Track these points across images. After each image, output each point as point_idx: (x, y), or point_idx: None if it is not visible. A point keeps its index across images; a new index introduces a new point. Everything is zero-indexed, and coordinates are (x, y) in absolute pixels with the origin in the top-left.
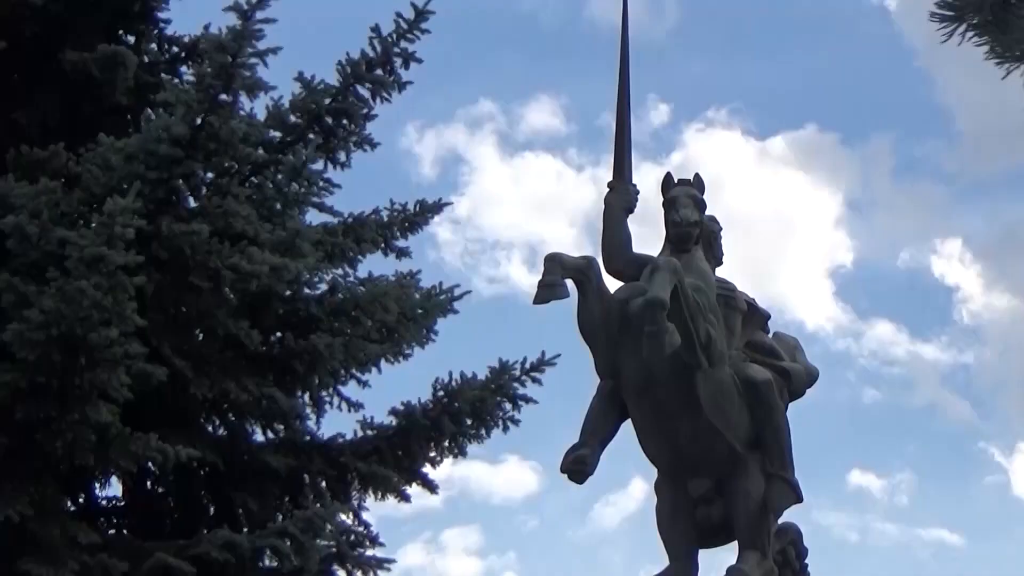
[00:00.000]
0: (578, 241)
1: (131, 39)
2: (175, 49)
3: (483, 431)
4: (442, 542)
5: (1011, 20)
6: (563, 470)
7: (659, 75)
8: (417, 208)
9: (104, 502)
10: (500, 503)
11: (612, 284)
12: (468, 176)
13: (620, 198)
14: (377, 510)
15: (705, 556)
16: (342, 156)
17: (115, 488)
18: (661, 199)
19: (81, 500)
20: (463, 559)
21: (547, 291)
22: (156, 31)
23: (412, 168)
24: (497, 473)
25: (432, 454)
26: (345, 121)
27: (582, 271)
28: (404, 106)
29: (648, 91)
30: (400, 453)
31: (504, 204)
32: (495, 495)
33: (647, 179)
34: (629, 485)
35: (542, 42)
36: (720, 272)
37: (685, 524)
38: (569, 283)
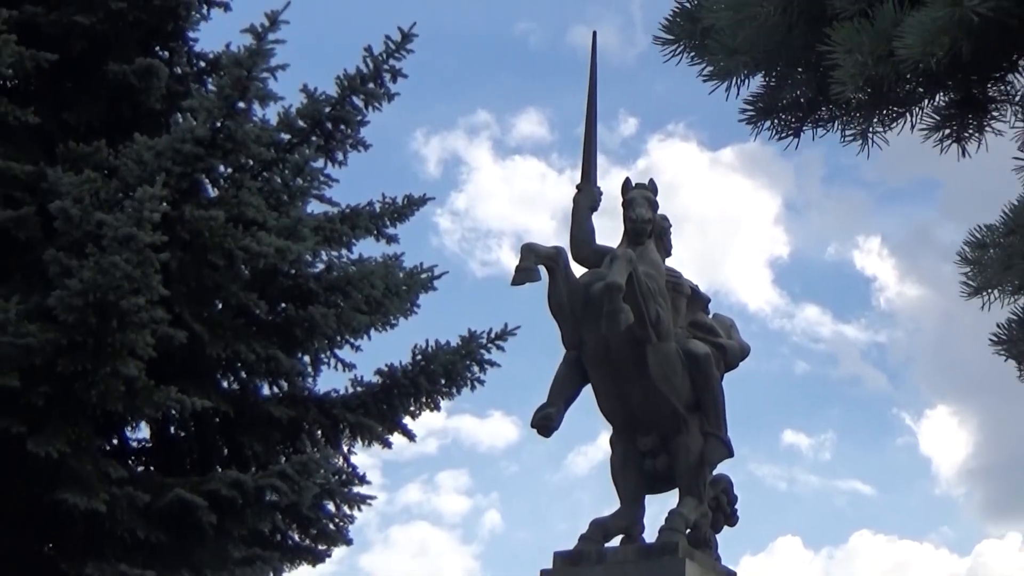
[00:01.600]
0: (558, 232)
1: (164, 54)
2: (201, 63)
3: (454, 389)
4: (436, 483)
5: (710, 45)
6: (532, 425)
7: (629, 93)
8: (405, 201)
9: (134, 444)
10: (486, 451)
11: (578, 270)
12: (466, 175)
13: (586, 198)
14: (381, 455)
15: (651, 501)
16: (340, 156)
17: (144, 432)
18: (621, 199)
19: (115, 442)
20: (454, 497)
21: (523, 275)
22: (185, 48)
23: (420, 167)
24: (483, 425)
25: (411, 408)
26: (343, 126)
27: (552, 259)
28: (413, 115)
29: (619, 106)
30: (384, 407)
31: (496, 199)
32: (481, 444)
33: (617, 182)
34: (598, 438)
35: (531, 63)
36: (670, 262)
37: (634, 473)
38: (542, 268)
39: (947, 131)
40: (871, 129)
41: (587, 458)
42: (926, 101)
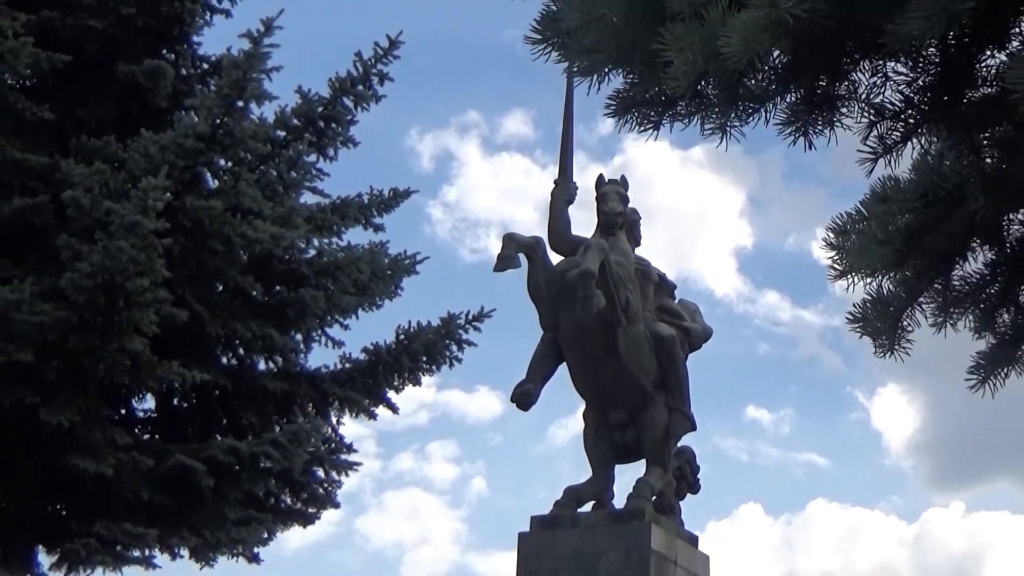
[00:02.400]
0: (540, 223)
1: (170, 56)
2: (204, 65)
3: (433, 367)
4: (427, 452)
5: (570, 44)
6: (512, 399)
7: (607, 94)
8: (391, 193)
9: (140, 414)
10: (473, 423)
11: (555, 258)
12: (457, 170)
13: (563, 192)
14: (376, 426)
15: (620, 470)
16: (331, 152)
17: (150, 403)
18: (595, 193)
19: (123, 412)
20: (443, 465)
21: (504, 262)
22: (190, 51)
23: (415, 162)
24: (471, 399)
25: (395, 383)
26: (334, 125)
27: (531, 247)
28: (409, 114)
29: (597, 107)
30: (370, 381)
31: (484, 192)
32: (469, 416)
33: (594, 177)
34: (577, 412)
35: (517, 67)
36: (639, 251)
37: (605, 445)
38: (522, 256)
39: (798, 126)
40: (728, 123)
41: (567, 430)
42: (779, 98)
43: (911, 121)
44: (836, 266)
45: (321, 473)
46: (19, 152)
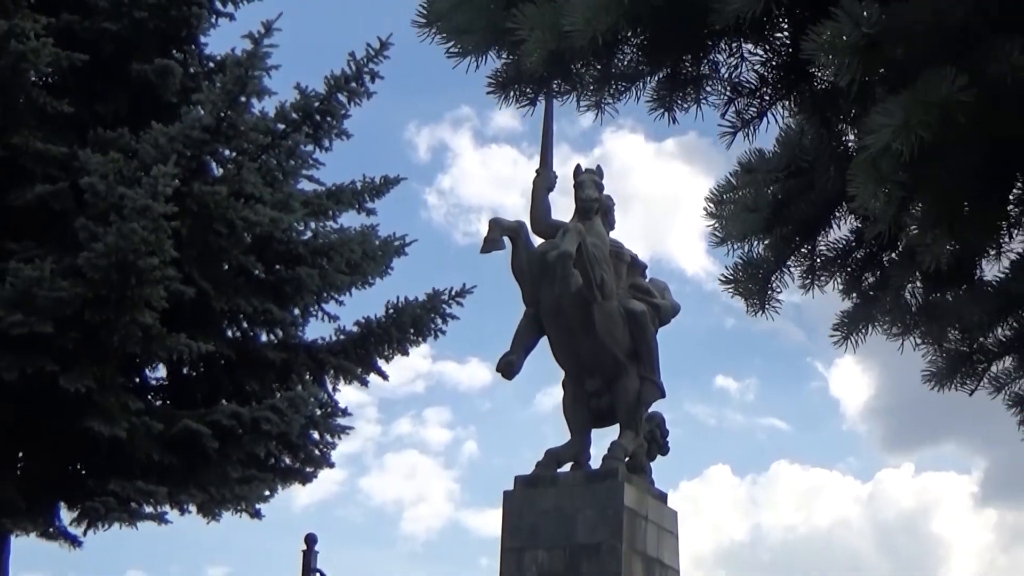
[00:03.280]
0: (526, 208)
1: (179, 56)
2: (210, 64)
3: (420, 338)
4: (424, 417)
5: (443, 26)
6: (497, 369)
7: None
8: (382, 180)
9: (153, 382)
10: (465, 391)
11: (537, 241)
12: (451, 160)
13: (543, 181)
14: (377, 394)
15: (596, 434)
16: (326, 143)
17: (161, 372)
18: (573, 181)
19: (137, 380)
20: (438, 429)
21: (490, 244)
22: (196, 51)
23: (412, 153)
24: (463, 369)
25: (385, 353)
26: (329, 118)
27: (515, 231)
28: (407, 109)
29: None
30: (361, 352)
31: (476, 180)
32: (462, 384)
33: (574, 167)
34: (559, 381)
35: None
36: (613, 234)
37: (583, 410)
38: (506, 239)
39: (664, 103)
40: (603, 101)
41: (551, 398)
42: (648, 77)
43: (765, 98)
44: (716, 234)
45: (317, 436)
46: (41, 143)
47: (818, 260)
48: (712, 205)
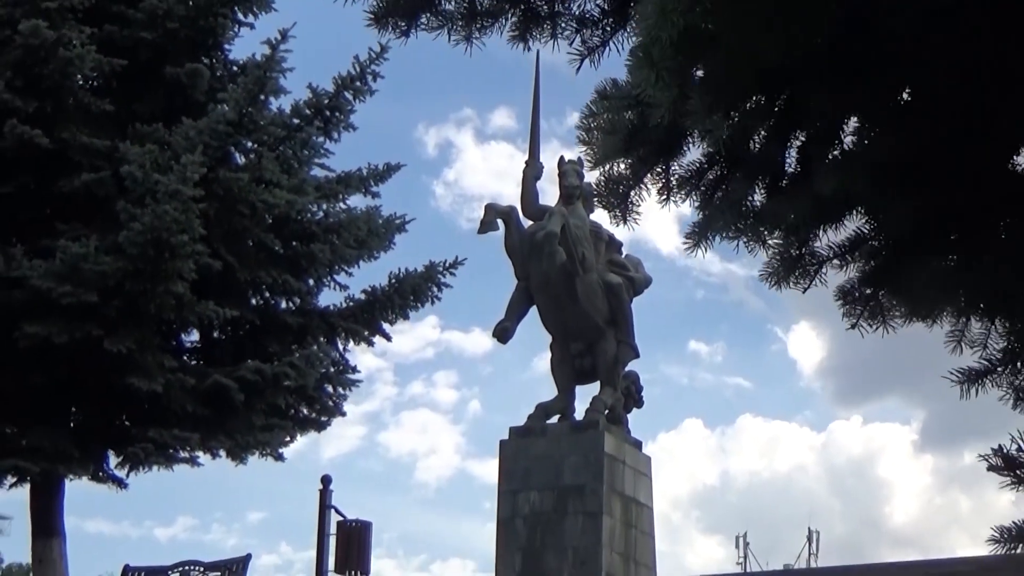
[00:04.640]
0: (519, 195)
1: (206, 61)
2: (233, 68)
3: (419, 304)
4: (434, 380)
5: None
6: (493, 335)
7: (570, 93)
8: (384, 167)
9: (188, 344)
10: (470, 355)
11: (526, 223)
12: (456, 155)
13: (532, 170)
14: (393, 359)
15: (580, 390)
16: (335, 135)
17: (195, 335)
18: (557, 171)
19: (173, 343)
20: (446, 390)
21: (486, 226)
22: (222, 56)
23: (422, 150)
24: (468, 338)
25: (389, 317)
26: (337, 113)
27: (507, 214)
28: (417, 111)
29: (565, 104)
30: (368, 316)
31: (478, 173)
32: (467, 350)
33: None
34: None
35: (504, 72)
36: (593, 217)
37: (568, 369)
38: (500, 222)
39: (524, 37)
40: (472, 36)
41: (546, 362)
42: (509, 13)
43: (607, 28)
44: (589, 159)
45: (331, 389)
46: (86, 137)
47: (673, 179)
48: (583, 132)
